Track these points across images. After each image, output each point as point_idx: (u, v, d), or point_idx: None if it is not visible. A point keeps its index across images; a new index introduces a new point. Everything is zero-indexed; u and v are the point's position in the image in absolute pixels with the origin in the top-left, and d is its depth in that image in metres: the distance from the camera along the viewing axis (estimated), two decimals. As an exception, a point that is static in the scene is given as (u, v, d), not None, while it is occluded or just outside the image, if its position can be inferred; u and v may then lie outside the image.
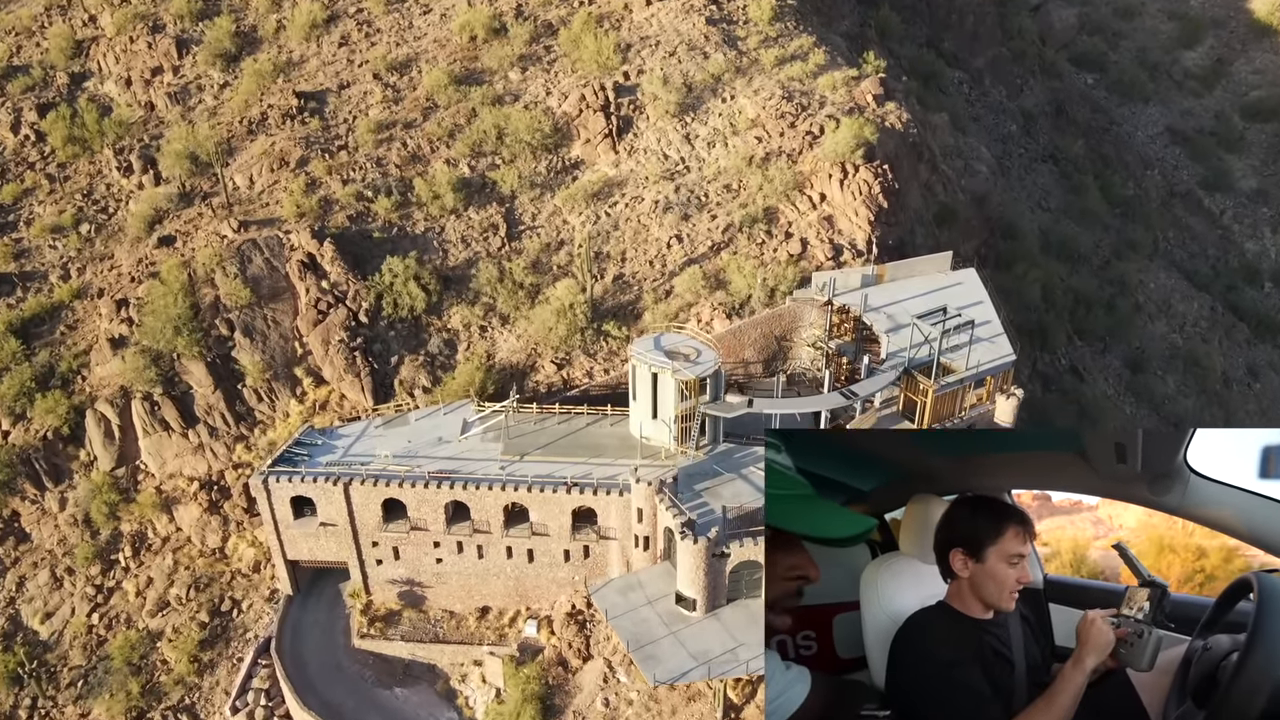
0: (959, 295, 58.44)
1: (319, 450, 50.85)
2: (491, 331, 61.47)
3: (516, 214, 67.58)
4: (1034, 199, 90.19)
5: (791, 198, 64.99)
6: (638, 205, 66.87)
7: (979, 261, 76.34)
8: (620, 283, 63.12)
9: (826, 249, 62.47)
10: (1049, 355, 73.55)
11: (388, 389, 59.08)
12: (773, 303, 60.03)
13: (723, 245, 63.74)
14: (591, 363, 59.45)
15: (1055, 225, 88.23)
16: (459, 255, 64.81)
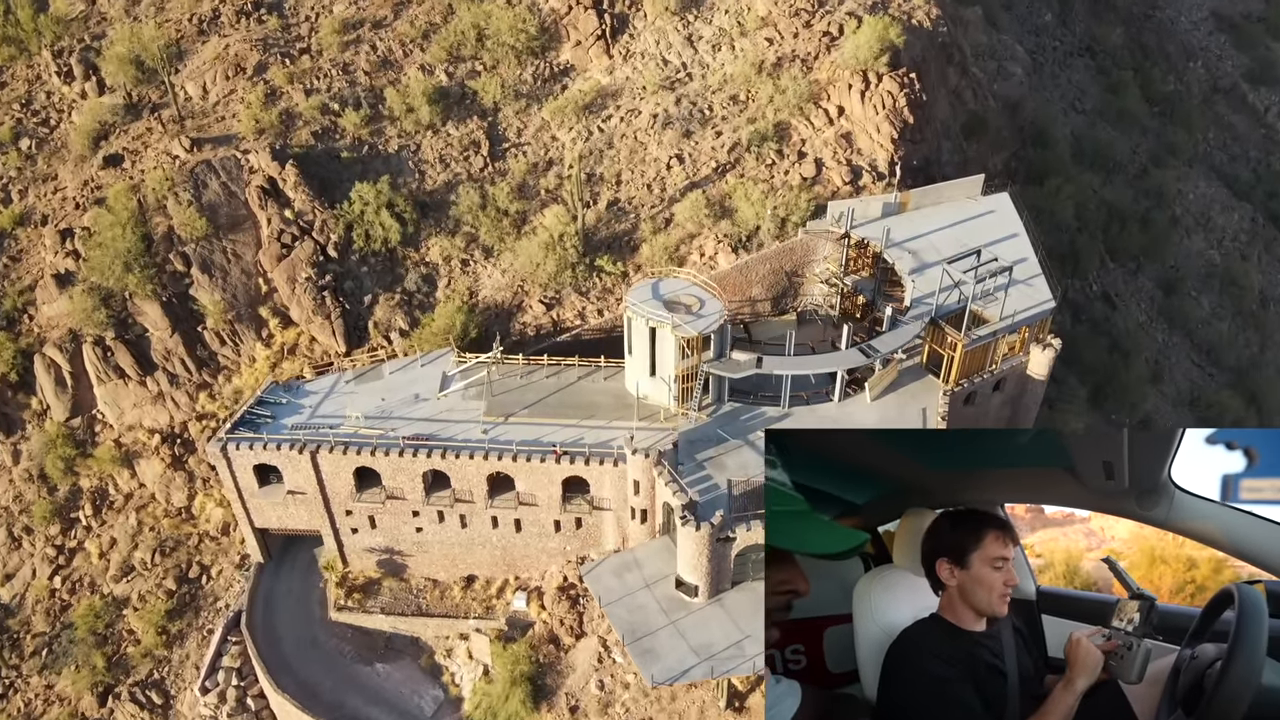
0: (992, 226, 52.62)
1: (283, 410, 46.21)
2: (474, 266, 55.89)
3: (500, 129, 60.84)
4: (1068, 99, 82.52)
5: (806, 111, 58.15)
6: (634, 119, 60.06)
7: (1008, 176, 69.94)
8: (615, 210, 57.09)
9: (844, 172, 56.14)
10: (1079, 281, 68.02)
11: (361, 331, 54.01)
12: (783, 235, 54.20)
13: (728, 167, 57.37)
14: (584, 302, 54.14)
15: (1090, 130, 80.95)
16: (437, 178, 58.52)
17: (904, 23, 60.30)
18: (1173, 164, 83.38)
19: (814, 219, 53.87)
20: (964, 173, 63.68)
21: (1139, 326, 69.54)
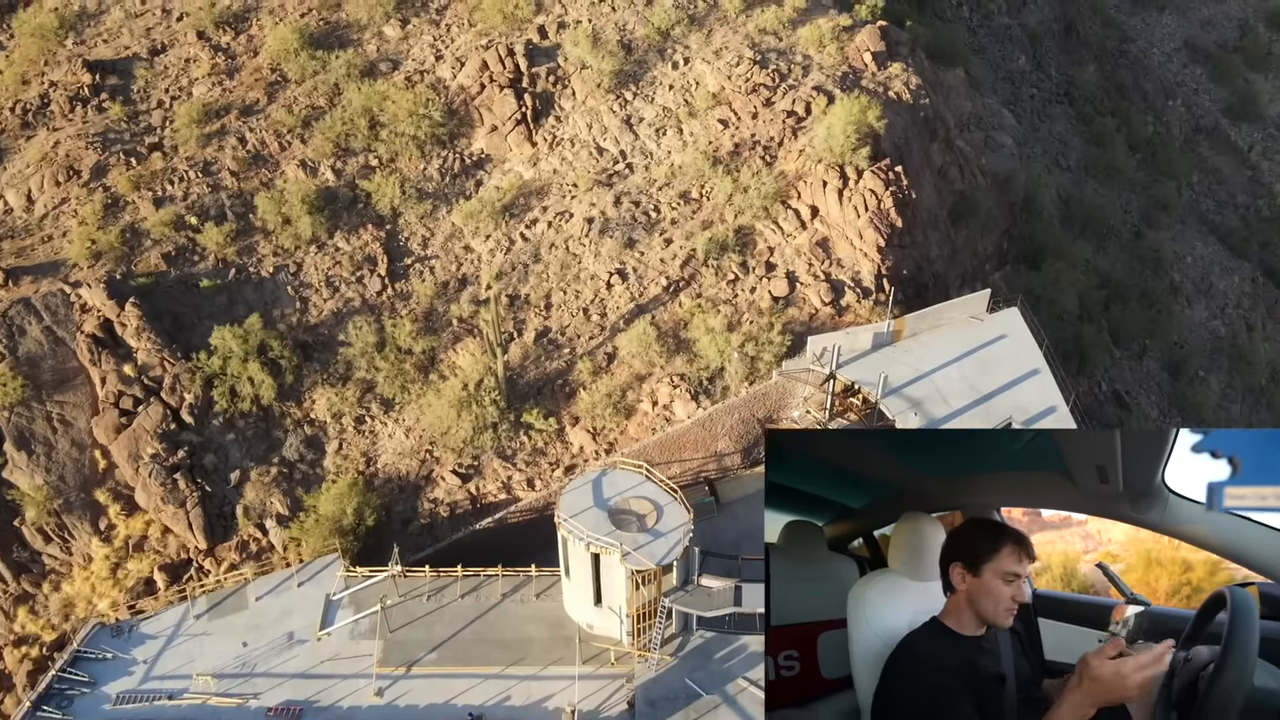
0: (1006, 358, 43.16)
1: (108, 670, 34.67)
2: (371, 424, 44.74)
3: (401, 240, 49.76)
4: (1051, 154, 74.13)
5: (773, 213, 48.12)
6: (565, 224, 49.45)
7: (999, 259, 60.92)
8: (545, 343, 46.41)
9: (822, 290, 46.19)
10: (1087, 380, 59.47)
11: (228, 520, 42.49)
12: (754, 376, 44.07)
13: (682, 284, 47.08)
14: (509, 469, 43.36)
15: (1077, 190, 72.66)
16: (323, 307, 47.25)
17: (880, 97, 50.66)
18: (1165, 222, 75.55)
19: (790, 357, 43.84)
20: (953, 266, 54.48)
21: (1152, 425, 61.04)
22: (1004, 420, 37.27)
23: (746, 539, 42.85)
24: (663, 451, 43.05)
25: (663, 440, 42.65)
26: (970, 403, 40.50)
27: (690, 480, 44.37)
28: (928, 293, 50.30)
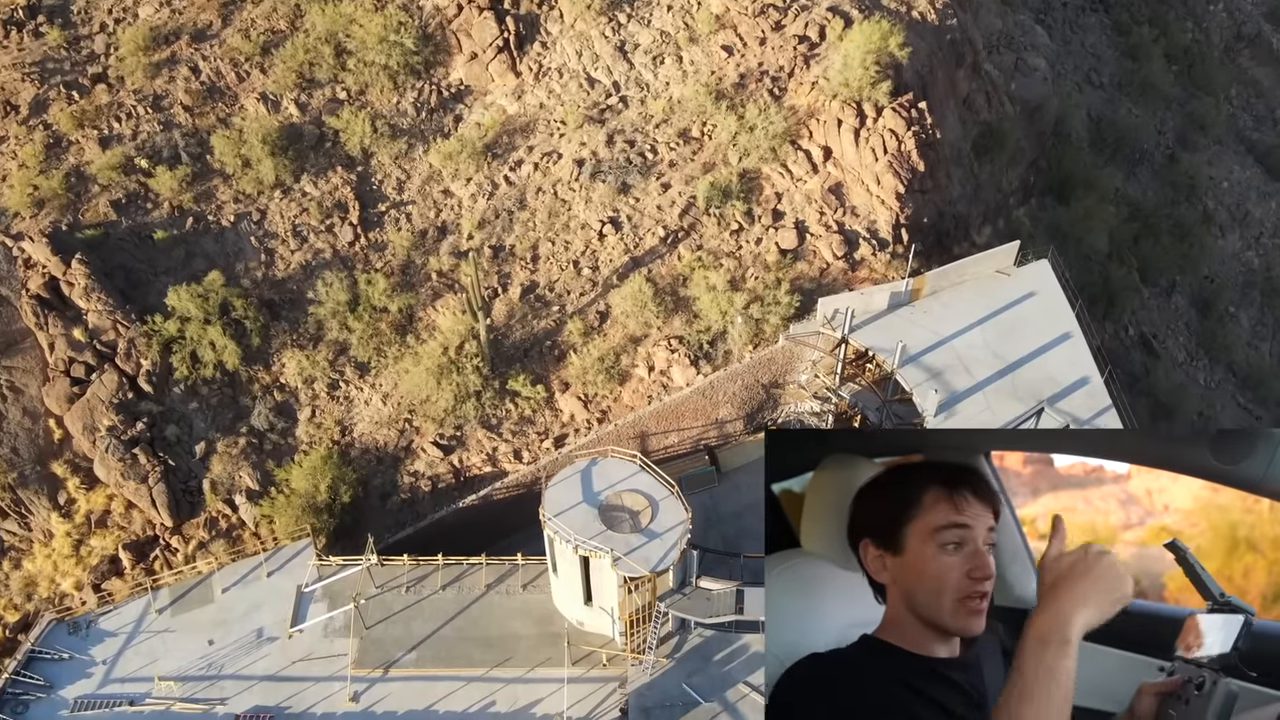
0: (1035, 319, 39.50)
1: (65, 672, 32.39)
2: (345, 389, 41.48)
3: (374, 183, 45.49)
4: (1082, 71, 68.41)
5: (781, 154, 43.65)
6: (552, 166, 45.07)
7: (1024, 193, 56.46)
8: (532, 300, 42.71)
9: (835, 242, 42.15)
10: (1113, 325, 55.77)
11: (194, 495, 39.72)
12: (759, 340, 40.52)
13: (680, 235, 43.04)
14: (494, 440, 40.30)
15: (1110, 109, 67.27)
16: (290, 259, 43.40)
17: (903, 18, 45.49)
18: (1201, 143, 70.37)
19: (798, 320, 40.17)
20: (975, 205, 50.17)
21: (1179, 370, 57.68)
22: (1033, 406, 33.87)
23: (749, 511, 40.18)
24: (659, 421, 39.95)
25: (659, 410, 39.47)
26: (995, 373, 37.08)
27: (689, 448, 41.44)
28: (948, 239, 46.29)
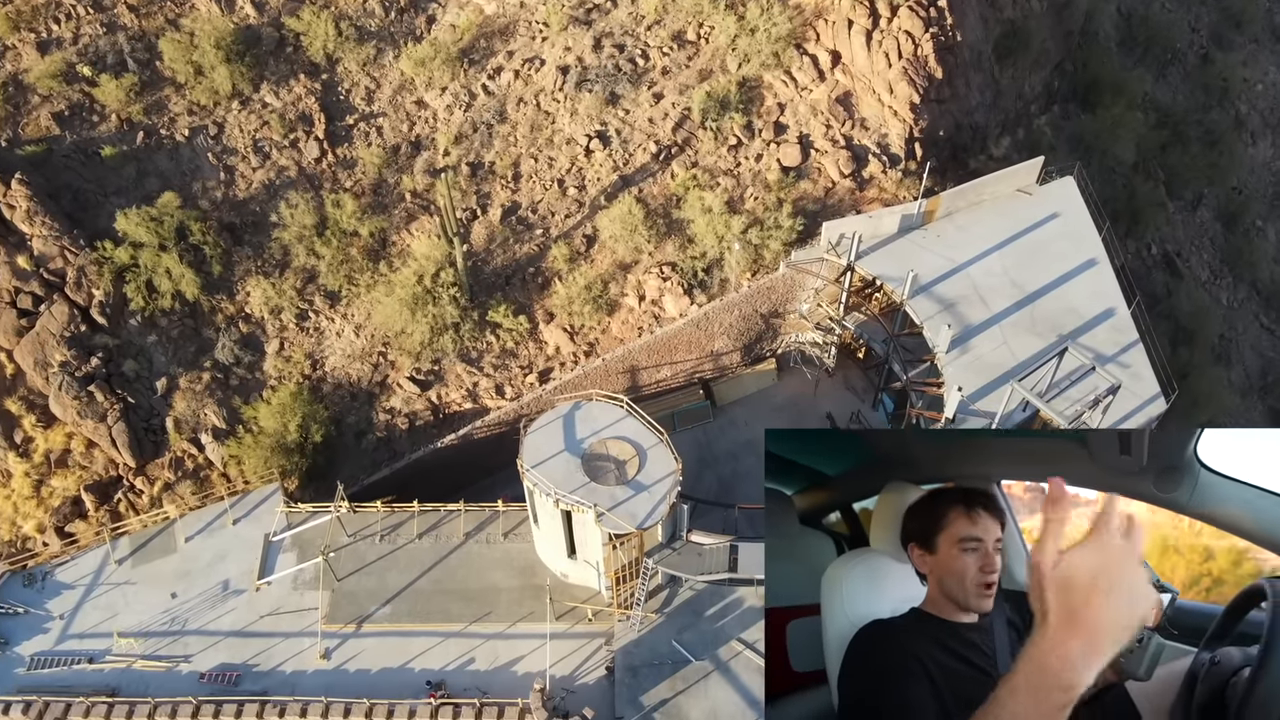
0: (1058, 244, 36.50)
1: (20, 627, 30.62)
2: (315, 320, 38.78)
3: (341, 93, 41.76)
4: (1114, -39, 63.13)
5: (785, 60, 39.76)
6: (534, 74, 41.24)
7: (1048, 98, 52.41)
8: (513, 221, 39.55)
9: (842, 158, 38.70)
10: (1135, 242, 52.42)
11: (157, 434, 37.48)
12: (758, 267, 37.55)
13: (674, 150, 39.58)
14: (474, 375, 37.79)
15: (1141, 4, 62.23)
16: (251, 178, 40.10)
17: (923, -96, 40.82)
18: (1237, 41, 65.58)
19: (801, 244, 37.09)
20: (994, 113, 46.47)
21: (1202, 290, 54.68)
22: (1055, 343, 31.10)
23: (746, 450, 38.08)
24: (650, 355, 37.36)
25: (650, 344, 36.82)
26: (1013, 304, 34.29)
27: (683, 381, 39.01)
28: (964, 152, 42.77)
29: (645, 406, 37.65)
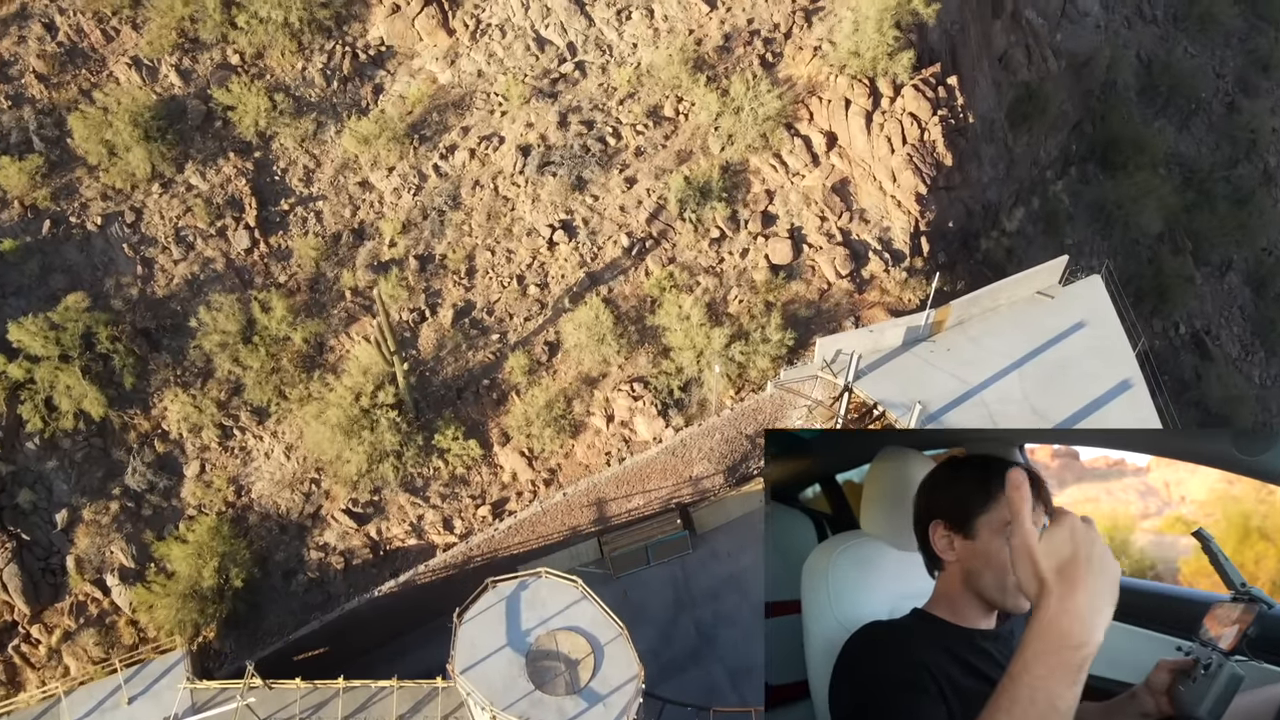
0: (1082, 357, 31.85)
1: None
2: (242, 438, 34.14)
3: (275, 174, 37.13)
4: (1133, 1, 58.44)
5: (774, 142, 35.14)
6: (492, 153, 36.64)
7: (1065, 161, 47.80)
8: (466, 326, 34.93)
9: (839, 257, 34.07)
10: (1161, 321, 47.87)
11: (56, 576, 32.83)
12: (743, 383, 32.93)
13: (648, 244, 34.95)
14: (419, 507, 33.17)
15: (1163, 47, 57.63)
16: (173, 272, 35.50)
17: (931, -39, 36.20)
18: (1265, 88, 61.05)
19: (792, 359, 32.47)
20: (1007, 184, 41.93)
21: (1233, 369, 50.11)
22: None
23: (728, 586, 33.59)
24: (620, 486, 32.79)
25: (620, 475, 32.21)
26: (1035, 439, 29.61)
27: (658, 508, 34.43)
28: (975, 240, 38.18)
29: (614, 540, 33.14)
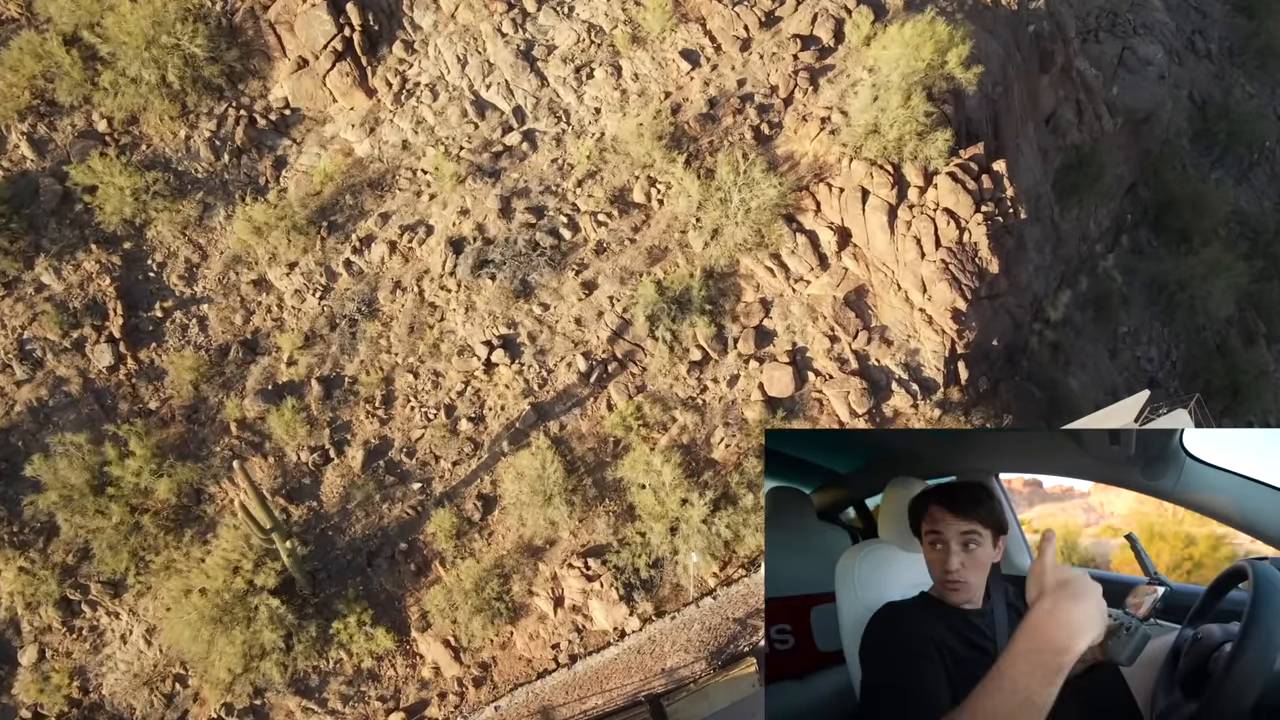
0: (1170, 534, 24.38)
1: None
2: (93, 616, 26.80)
3: (148, 267, 29.82)
4: (1185, 33, 51.08)
5: (771, 238, 27.70)
6: (418, 246, 29.29)
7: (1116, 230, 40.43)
8: (381, 469, 27.51)
9: (854, 389, 26.61)
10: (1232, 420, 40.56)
11: None
12: (728, 559, 25.50)
13: (611, 369, 27.55)
14: (314, 714, 25.74)
15: (1218, 85, 50.25)
16: (14, 397, 28.23)
17: (965, 7, 28.84)
18: (1330, 125, 53.59)
19: (793, 534, 25.07)
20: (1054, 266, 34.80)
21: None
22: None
23: (712, 806, 26.21)
24: (570, 691, 25.39)
25: (570, 681, 24.85)
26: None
27: (623, 702, 27.00)
28: (1021, 352, 30.81)
29: (565, 753, 25.78)
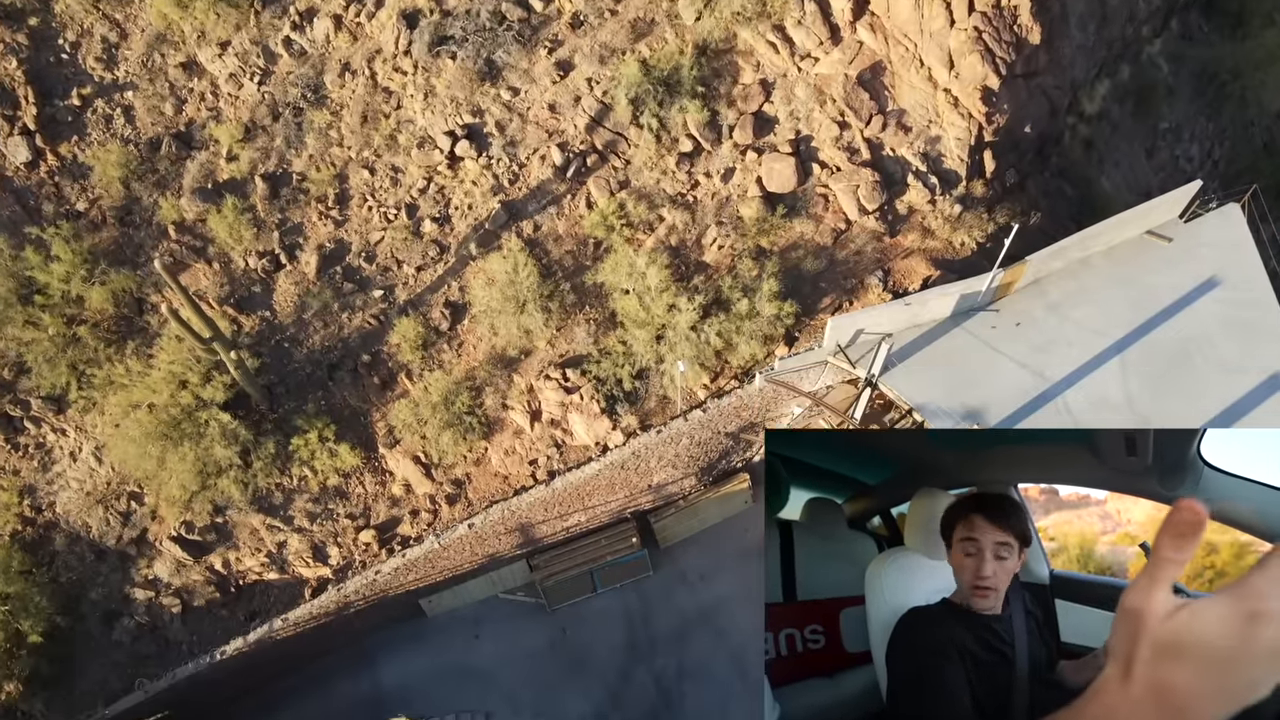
0: (1217, 340, 22.10)
1: None
2: (38, 433, 25.01)
3: (59, 47, 26.18)
4: None
5: (774, 6, 23.78)
6: (367, 24, 25.51)
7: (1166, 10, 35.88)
8: (339, 277, 24.93)
9: (866, 182, 23.50)
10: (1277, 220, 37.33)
11: None
12: (720, 369, 23.24)
13: (590, 162, 24.39)
14: (279, 531, 24.32)
15: None
16: (-75, 198, 25.22)
17: None
18: None
19: (793, 334, 22.62)
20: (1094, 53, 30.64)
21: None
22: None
23: (699, 625, 25.92)
24: (549, 508, 23.85)
25: (549, 498, 23.21)
26: (1141, 468, 20.49)
27: (607, 519, 25.67)
28: (1055, 143, 27.43)
29: (548, 563, 24.86)
